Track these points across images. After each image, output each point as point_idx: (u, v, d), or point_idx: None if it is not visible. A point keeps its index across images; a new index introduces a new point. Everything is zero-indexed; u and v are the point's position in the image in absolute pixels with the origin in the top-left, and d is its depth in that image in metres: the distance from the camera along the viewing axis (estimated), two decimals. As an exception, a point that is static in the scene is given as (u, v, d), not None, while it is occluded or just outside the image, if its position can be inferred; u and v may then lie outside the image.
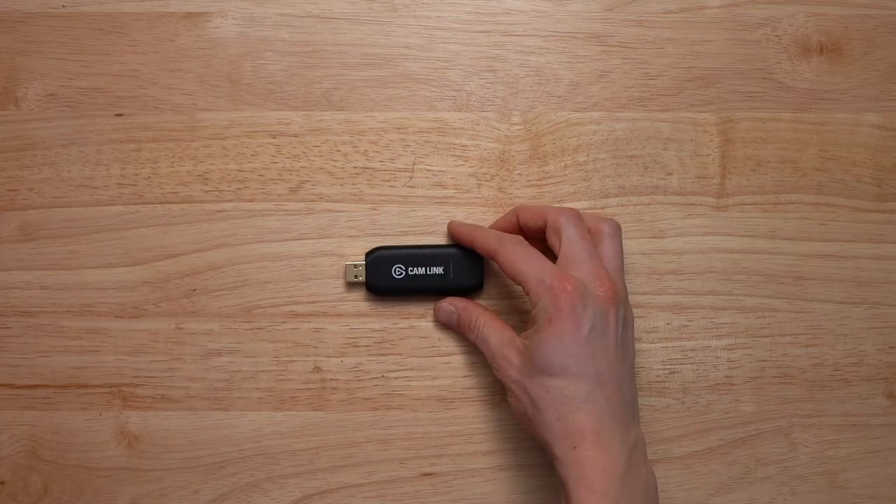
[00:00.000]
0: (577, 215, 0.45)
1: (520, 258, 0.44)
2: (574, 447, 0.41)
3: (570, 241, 0.44)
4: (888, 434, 0.49)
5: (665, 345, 0.49)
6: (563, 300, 0.42)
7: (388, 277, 0.48)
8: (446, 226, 0.49)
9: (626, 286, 0.45)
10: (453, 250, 0.48)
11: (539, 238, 0.46)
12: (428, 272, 0.48)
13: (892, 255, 0.50)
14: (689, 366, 0.49)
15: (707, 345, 0.49)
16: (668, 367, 0.49)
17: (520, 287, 0.44)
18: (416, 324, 0.49)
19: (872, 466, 0.49)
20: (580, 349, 0.42)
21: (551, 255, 0.45)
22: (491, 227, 0.48)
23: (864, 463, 0.49)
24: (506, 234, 0.46)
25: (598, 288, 0.43)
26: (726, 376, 0.49)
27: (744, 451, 0.49)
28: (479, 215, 0.50)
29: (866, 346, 0.49)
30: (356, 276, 0.48)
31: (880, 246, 0.50)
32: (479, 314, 0.47)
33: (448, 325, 0.49)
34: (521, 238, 0.45)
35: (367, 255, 0.48)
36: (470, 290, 0.49)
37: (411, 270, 0.48)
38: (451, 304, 0.48)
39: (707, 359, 0.49)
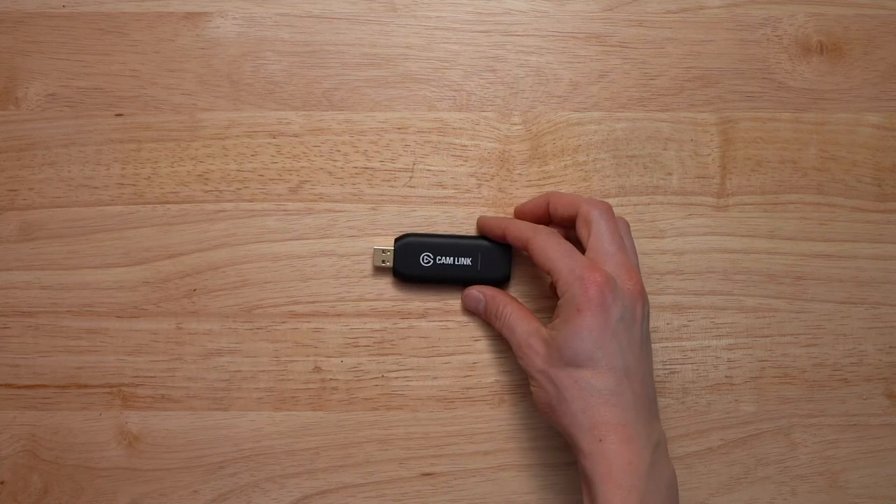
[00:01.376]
0: (608, 209, 0.45)
1: (552, 247, 0.44)
2: (600, 440, 0.41)
3: (599, 233, 0.44)
4: (888, 434, 0.49)
5: (665, 345, 0.49)
6: (594, 291, 0.42)
7: (415, 265, 0.48)
8: (476, 221, 0.49)
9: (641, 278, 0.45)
10: (483, 242, 0.48)
11: (567, 227, 0.46)
12: (456, 262, 0.48)
13: (892, 255, 0.50)
14: (689, 366, 0.49)
15: (707, 345, 0.49)
16: (668, 367, 0.49)
17: (548, 279, 0.44)
18: (416, 324, 0.49)
19: (872, 466, 0.49)
20: (609, 341, 0.41)
21: (580, 248, 0.45)
22: (520, 207, 0.49)
23: (864, 463, 0.49)
24: (539, 225, 0.46)
25: (627, 281, 0.43)
26: (726, 376, 0.49)
27: (744, 451, 0.49)
28: (478, 215, 0.50)
29: (866, 346, 0.49)
30: (384, 262, 0.49)
31: (880, 246, 0.50)
32: (507, 303, 0.47)
33: (475, 312, 0.49)
34: (554, 230, 0.45)
35: (397, 240, 0.48)
36: (497, 283, 0.49)
37: (439, 259, 0.48)
38: (479, 292, 0.48)
39: (707, 359, 0.49)
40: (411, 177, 0.50)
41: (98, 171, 0.49)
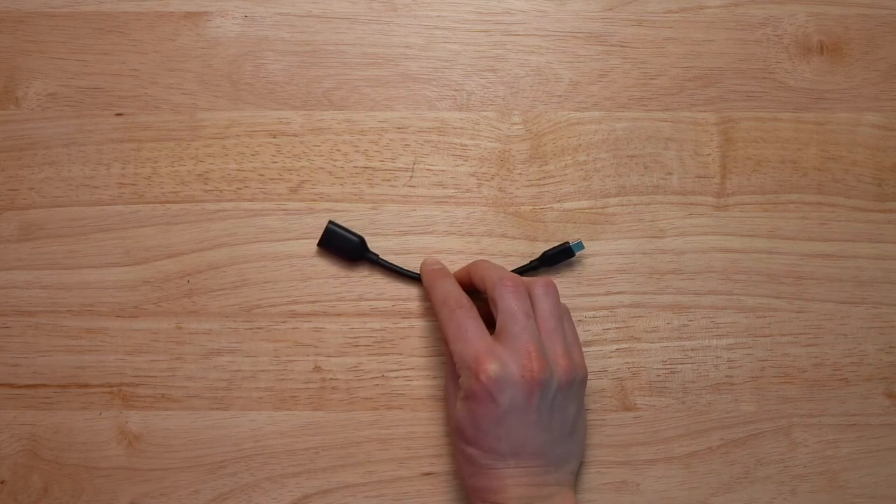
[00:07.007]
0: (515, 285, 0.44)
1: (453, 327, 0.44)
2: (483, 501, 0.43)
3: (504, 313, 0.43)
4: (888, 434, 0.49)
5: (665, 344, 0.49)
6: (478, 387, 0.42)
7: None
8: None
9: (563, 345, 0.44)
10: None
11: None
12: None
13: (892, 255, 0.50)
14: (690, 365, 0.49)
15: (707, 344, 0.49)
16: (668, 366, 0.49)
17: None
18: (416, 324, 0.49)
19: (872, 466, 0.49)
20: (493, 429, 0.42)
21: None
22: (455, 273, 0.48)
23: (864, 463, 0.49)
24: (458, 298, 0.45)
25: (523, 370, 0.42)
26: (726, 376, 0.49)
27: (744, 451, 0.49)
28: (479, 215, 0.50)
29: (866, 346, 0.49)
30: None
31: (880, 246, 0.50)
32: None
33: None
34: (469, 307, 0.45)
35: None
36: None
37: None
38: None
39: (707, 358, 0.49)
40: (411, 176, 0.50)
41: (98, 170, 0.49)
